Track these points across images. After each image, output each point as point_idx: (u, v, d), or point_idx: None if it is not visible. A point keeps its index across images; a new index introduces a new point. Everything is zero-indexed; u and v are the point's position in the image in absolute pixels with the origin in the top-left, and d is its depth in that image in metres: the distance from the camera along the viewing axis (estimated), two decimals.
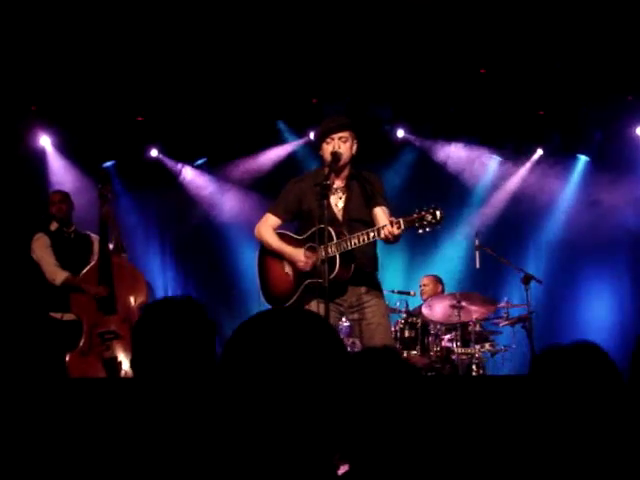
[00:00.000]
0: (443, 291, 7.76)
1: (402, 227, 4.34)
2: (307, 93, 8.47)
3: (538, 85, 8.09)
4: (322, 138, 4.72)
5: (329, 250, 4.48)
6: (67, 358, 5.46)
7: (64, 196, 6.18)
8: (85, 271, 5.74)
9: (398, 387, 1.98)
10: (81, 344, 5.53)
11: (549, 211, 9.18)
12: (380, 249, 4.92)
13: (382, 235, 4.39)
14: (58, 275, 5.78)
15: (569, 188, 9.18)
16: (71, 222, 6.14)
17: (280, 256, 4.84)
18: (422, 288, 7.84)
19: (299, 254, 4.68)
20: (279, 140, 9.23)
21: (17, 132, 8.40)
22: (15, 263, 6.84)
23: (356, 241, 4.50)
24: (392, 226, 4.34)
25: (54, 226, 6.08)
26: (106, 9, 6.72)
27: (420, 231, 4.37)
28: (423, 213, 4.34)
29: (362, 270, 4.67)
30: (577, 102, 8.38)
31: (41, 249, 5.92)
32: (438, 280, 7.91)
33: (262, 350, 1.37)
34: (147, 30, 7.09)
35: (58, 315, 5.77)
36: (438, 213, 4.33)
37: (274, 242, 4.84)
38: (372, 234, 4.46)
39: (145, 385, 1.72)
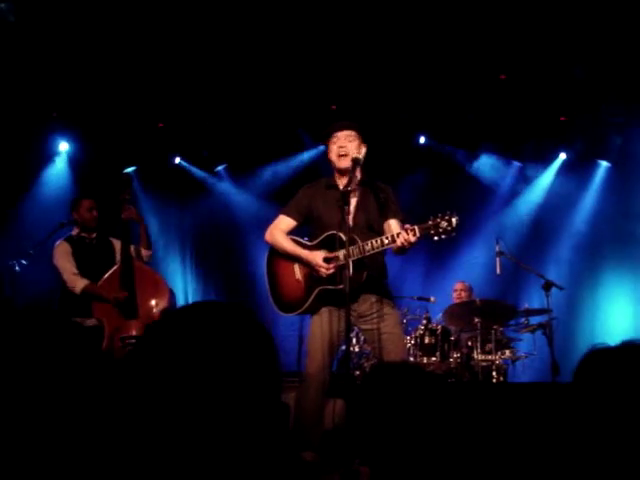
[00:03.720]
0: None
1: (417, 234, 4.25)
2: (326, 100, 8.49)
3: (559, 91, 8.05)
4: (328, 138, 4.68)
5: (341, 256, 4.43)
6: None
7: (94, 203, 6.11)
8: (107, 276, 5.75)
9: (416, 396, 1.97)
10: (102, 349, 5.53)
11: (570, 217, 9.13)
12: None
13: (398, 242, 4.29)
14: (78, 283, 5.75)
15: (590, 194, 9.13)
16: (96, 228, 6.13)
17: (290, 261, 4.76)
18: (458, 292, 7.84)
19: (317, 259, 4.59)
20: (298, 147, 9.26)
21: (37, 137, 8.49)
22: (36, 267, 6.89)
23: (369, 248, 4.41)
24: (408, 233, 4.26)
25: (75, 232, 6.08)
26: (128, 18, 6.77)
27: (435, 238, 4.26)
28: (438, 220, 4.24)
29: (373, 278, 4.60)
30: (598, 108, 8.33)
31: (62, 256, 5.91)
32: (471, 287, 7.93)
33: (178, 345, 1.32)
34: (169, 39, 7.14)
35: (79, 321, 5.78)
36: (454, 220, 4.22)
37: (288, 245, 4.75)
38: (386, 241, 4.37)
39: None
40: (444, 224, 4.22)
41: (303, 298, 4.68)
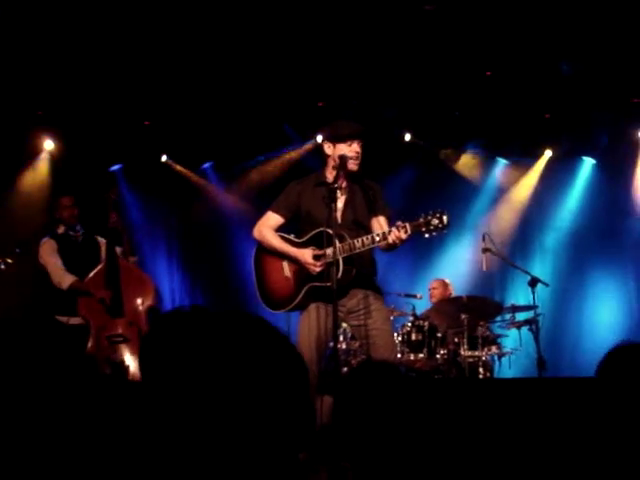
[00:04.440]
0: (452, 294, 7.76)
1: (409, 232, 4.31)
2: (313, 97, 8.48)
3: (544, 88, 8.08)
4: (340, 140, 4.65)
5: (330, 253, 4.43)
6: None
7: (73, 200, 6.11)
8: (92, 274, 5.74)
9: (401, 393, 1.97)
10: (89, 347, 5.53)
11: (556, 213, 9.18)
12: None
13: (389, 240, 4.34)
14: (65, 279, 5.75)
15: (575, 191, 9.18)
16: (77, 225, 6.12)
17: (278, 258, 4.76)
18: (431, 291, 7.85)
19: (306, 256, 4.61)
20: (285, 144, 9.25)
21: (22, 136, 8.44)
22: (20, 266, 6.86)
23: (360, 245, 4.44)
24: (399, 231, 4.31)
25: (61, 230, 6.06)
26: (114, 15, 6.74)
27: (427, 235, 4.34)
28: (429, 218, 4.32)
29: (362, 274, 4.62)
30: (583, 105, 8.37)
31: (48, 253, 5.89)
32: (447, 284, 7.93)
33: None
34: (154, 36, 7.11)
35: (64, 319, 5.76)
36: (445, 217, 4.30)
37: (277, 243, 4.76)
38: (378, 238, 4.41)
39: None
40: (435, 221, 4.30)
41: (292, 295, 4.69)
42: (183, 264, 9.50)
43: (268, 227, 4.81)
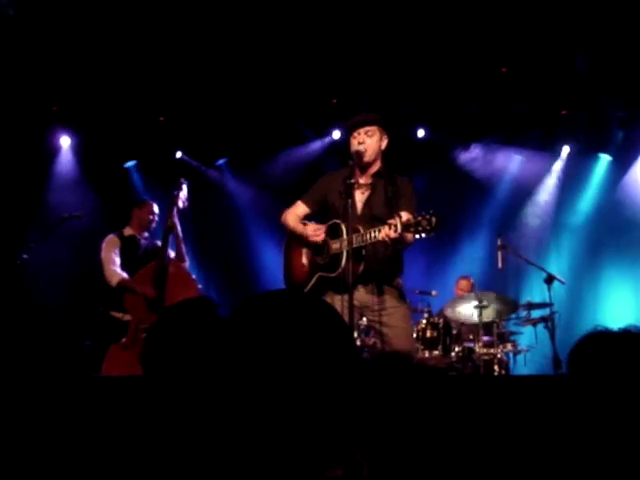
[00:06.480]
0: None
1: (399, 231, 4.16)
2: (327, 94, 8.47)
3: (560, 84, 8.03)
4: (349, 132, 4.75)
5: (335, 246, 4.54)
6: (109, 350, 5.62)
7: (155, 210, 6.44)
8: (140, 271, 5.93)
9: (416, 389, 1.96)
10: (125, 338, 5.68)
11: (571, 210, 9.13)
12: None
13: (379, 237, 4.24)
14: (114, 277, 5.97)
15: (591, 187, 9.13)
16: (147, 232, 6.37)
17: (300, 246, 4.88)
18: (462, 291, 7.84)
19: (308, 230, 4.73)
20: (299, 140, 9.25)
21: (38, 132, 8.48)
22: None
23: (360, 239, 4.40)
24: (390, 228, 4.18)
25: (127, 232, 6.27)
26: (129, 12, 6.76)
27: (417, 236, 4.15)
28: (420, 218, 4.11)
29: (374, 271, 4.57)
30: (599, 101, 8.32)
31: (108, 249, 6.13)
32: (474, 284, 7.93)
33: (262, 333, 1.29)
34: (169, 33, 7.13)
35: (119, 315, 5.95)
36: (434, 220, 4.06)
37: (293, 225, 4.88)
38: (373, 234, 4.33)
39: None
40: (424, 223, 4.09)
41: (305, 282, 4.81)
42: (197, 260, 9.51)
43: (294, 214, 4.92)
